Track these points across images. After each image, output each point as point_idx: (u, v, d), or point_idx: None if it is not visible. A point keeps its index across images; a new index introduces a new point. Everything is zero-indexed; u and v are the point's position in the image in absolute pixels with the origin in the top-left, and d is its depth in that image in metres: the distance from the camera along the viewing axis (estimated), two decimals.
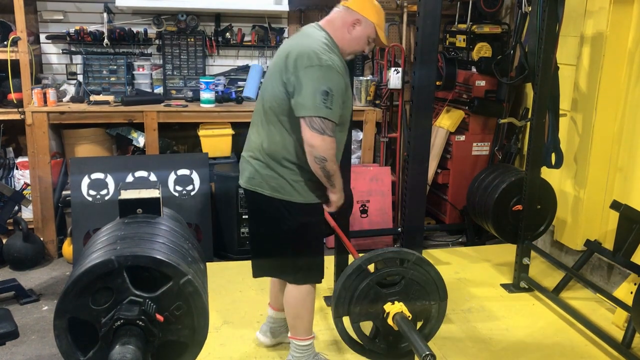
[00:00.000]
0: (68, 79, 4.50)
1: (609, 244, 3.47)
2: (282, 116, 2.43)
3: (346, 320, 2.14)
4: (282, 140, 2.45)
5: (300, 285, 2.61)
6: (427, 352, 1.87)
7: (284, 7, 4.59)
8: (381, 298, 2.10)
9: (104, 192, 3.99)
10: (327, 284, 3.23)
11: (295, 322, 2.67)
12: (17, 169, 4.33)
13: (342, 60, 2.48)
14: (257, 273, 2.76)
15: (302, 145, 2.39)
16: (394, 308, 2.07)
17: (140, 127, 4.32)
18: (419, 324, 2.22)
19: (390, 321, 2.07)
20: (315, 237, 2.65)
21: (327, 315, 3.35)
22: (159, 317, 1.61)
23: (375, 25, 2.50)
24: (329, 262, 3.48)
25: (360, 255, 2.21)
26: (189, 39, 4.64)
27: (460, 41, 4.78)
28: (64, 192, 4.17)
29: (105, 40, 4.41)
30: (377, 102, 4.71)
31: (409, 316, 2.07)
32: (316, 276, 2.65)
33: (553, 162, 3.67)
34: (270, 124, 2.48)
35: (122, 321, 1.56)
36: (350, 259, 3.82)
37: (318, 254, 2.65)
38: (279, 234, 2.56)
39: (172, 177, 4.11)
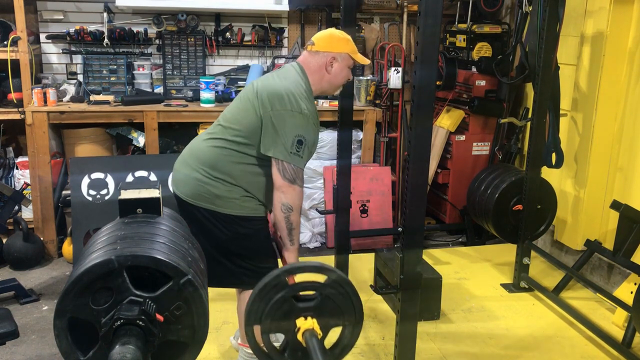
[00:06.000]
0: (68, 79, 4.49)
1: (609, 244, 3.47)
2: (245, 139, 2.42)
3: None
4: (230, 161, 2.43)
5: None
6: None
7: (284, 6, 4.59)
8: (294, 312, 1.99)
9: (104, 192, 3.99)
10: None
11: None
12: (17, 168, 4.33)
13: (316, 110, 2.49)
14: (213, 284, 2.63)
15: (251, 174, 2.43)
16: (306, 324, 1.97)
17: (140, 127, 4.32)
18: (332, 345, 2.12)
19: (299, 337, 1.98)
20: (264, 241, 2.58)
21: None
22: (159, 317, 1.60)
23: (349, 53, 2.51)
24: (329, 262, 3.48)
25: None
26: (189, 39, 4.64)
27: (461, 41, 4.78)
28: (64, 192, 4.17)
29: (105, 40, 4.41)
30: (377, 101, 4.71)
31: (320, 334, 1.97)
32: None
33: (553, 161, 3.67)
34: (227, 144, 2.44)
35: (122, 321, 1.56)
36: (352, 259, 3.82)
37: (270, 257, 2.58)
38: (230, 247, 2.48)
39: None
